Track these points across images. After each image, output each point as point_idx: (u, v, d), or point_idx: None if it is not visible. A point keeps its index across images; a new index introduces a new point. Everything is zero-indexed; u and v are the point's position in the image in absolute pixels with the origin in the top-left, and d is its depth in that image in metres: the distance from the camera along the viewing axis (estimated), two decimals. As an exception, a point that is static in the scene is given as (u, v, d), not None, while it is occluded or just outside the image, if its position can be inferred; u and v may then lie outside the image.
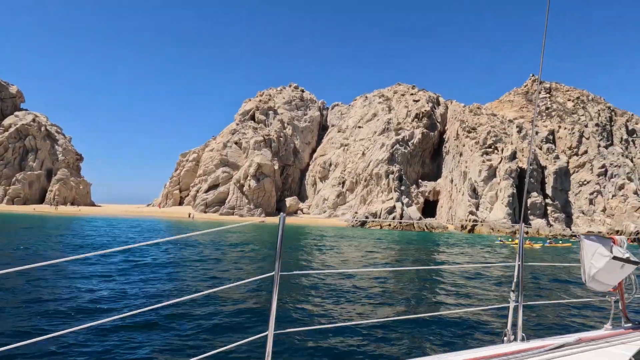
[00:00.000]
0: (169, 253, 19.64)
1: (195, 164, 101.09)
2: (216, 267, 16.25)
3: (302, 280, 12.93)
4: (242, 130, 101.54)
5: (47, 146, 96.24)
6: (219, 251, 21.86)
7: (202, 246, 22.75)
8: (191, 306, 9.20)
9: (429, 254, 26.71)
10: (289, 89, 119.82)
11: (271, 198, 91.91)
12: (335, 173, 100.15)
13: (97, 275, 13.25)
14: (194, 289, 11.84)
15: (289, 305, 9.91)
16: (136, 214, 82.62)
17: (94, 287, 11.42)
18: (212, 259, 18.92)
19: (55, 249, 21.07)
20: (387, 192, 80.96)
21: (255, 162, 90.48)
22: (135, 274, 13.55)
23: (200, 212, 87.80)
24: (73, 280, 12.20)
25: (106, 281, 12.35)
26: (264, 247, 25.97)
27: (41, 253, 18.94)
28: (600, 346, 2.90)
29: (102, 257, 16.42)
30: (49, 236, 28.57)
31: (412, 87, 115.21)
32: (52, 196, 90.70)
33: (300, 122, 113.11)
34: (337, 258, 22.23)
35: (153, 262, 16.52)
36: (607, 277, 3.20)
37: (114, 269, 14.33)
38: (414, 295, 11.96)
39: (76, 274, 13.31)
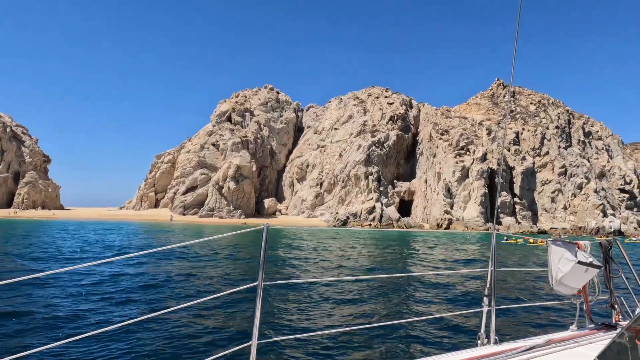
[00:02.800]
0: (148, 263, 18.28)
1: (170, 165, 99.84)
2: (198, 276, 15.77)
3: (285, 289, 12.98)
4: (219, 132, 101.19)
5: (13, 148, 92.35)
6: (200, 259, 20.60)
7: (185, 255, 21.82)
8: (173, 318, 9.05)
9: (410, 255, 27.80)
10: (265, 91, 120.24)
11: (250, 199, 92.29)
12: (313, 174, 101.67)
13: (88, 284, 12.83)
14: (175, 299, 11.54)
15: (273, 314, 9.96)
16: (113, 217, 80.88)
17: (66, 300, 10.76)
18: (195, 267, 18.02)
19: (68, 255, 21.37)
20: (366, 193, 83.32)
21: (234, 163, 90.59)
22: (115, 285, 12.99)
23: (179, 214, 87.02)
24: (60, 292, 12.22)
25: (87, 294, 11.62)
26: (247, 253, 24.87)
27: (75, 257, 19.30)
28: (568, 347, 3.00)
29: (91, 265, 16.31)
30: (58, 241, 28.41)
31: (386, 90, 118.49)
32: (20, 199, 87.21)
33: (277, 124, 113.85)
34: (321, 263, 21.63)
35: (133, 271, 15.89)
36: (572, 281, 3.31)
37: (97, 280, 13.79)
38: (393, 300, 12.13)
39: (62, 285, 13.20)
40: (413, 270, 20.38)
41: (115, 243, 29.97)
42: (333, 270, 19.21)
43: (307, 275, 17.09)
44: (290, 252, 26.49)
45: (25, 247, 24.70)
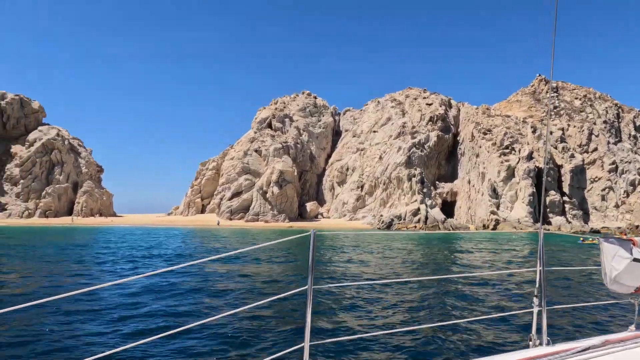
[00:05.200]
0: (198, 267, 18.67)
1: (215, 172, 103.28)
2: (249, 280, 16.06)
3: (335, 291, 13.06)
4: (261, 138, 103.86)
5: (71, 159, 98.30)
6: (250, 264, 20.97)
7: (235, 260, 21.63)
8: (226, 321, 9.25)
9: (459, 256, 27.50)
10: (302, 96, 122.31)
11: (293, 203, 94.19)
12: (353, 177, 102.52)
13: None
14: (228, 303, 11.78)
15: (323, 316, 10.05)
16: (165, 223, 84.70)
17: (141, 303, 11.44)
18: (246, 271, 18.29)
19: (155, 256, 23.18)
20: (410, 195, 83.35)
21: (277, 168, 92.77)
22: (171, 290, 13.45)
23: (226, 219, 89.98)
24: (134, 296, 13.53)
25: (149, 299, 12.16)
26: (294, 256, 25.17)
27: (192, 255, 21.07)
28: (628, 347, 2.84)
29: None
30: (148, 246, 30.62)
31: (424, 91, 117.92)
32: (79, 208, 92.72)
33: (315, 128, 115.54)
34: (369, 265, 21.61)
35: (187, 278, 16.23)
36: (629, 279, 3.19)
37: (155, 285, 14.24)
38: (442, 302, 12.13)
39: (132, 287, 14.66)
40: (462, 271, 20.30)
41: (189, 247, 31.93)
42: (381, 272, 19.26)
43: (355, 278, 17.07)
44: (337, 254, 26.91)
45: (135, 249, 26.92)
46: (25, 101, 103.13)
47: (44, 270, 18.05)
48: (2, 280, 15.58)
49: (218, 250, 30.71)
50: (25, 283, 14.83)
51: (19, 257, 22.83)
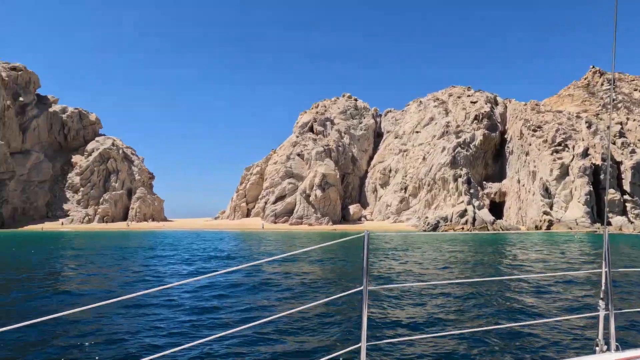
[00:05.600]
0: (254, 268, 18.98)
1: (259, 176, 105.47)
2: (303, 282, 16.20)
3: (389, 293, 13.05)
4: (303, 142, 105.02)
5: (125, 167, 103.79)
6: (302, 266, 21.00)
7: (285, 262, 21.81)
8: (282, 322, 9.36)
9: (514, 258, 26.41)
10: (343, 99, 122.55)
11: (336, 206, 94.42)
12: (396, 179, 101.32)
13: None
14: (283, 305, 11.92)
15: (379, 317, 10.06)
16: (214, 226, 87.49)
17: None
18: (298, 274, 18.37)
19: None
20: (456, 196, 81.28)
21: (320, 172, 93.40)
22: (229, 291, 13.74)
23: (270, 222, 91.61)
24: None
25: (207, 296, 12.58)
26: (344, 259, 25.16)
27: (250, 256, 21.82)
28: None
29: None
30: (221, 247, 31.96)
31: (468, 89, 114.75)
32: (134, 213, 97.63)
33: (356, 131, 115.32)
34: (421, 266, 21.34)
35: (245, 278, 16.56)
36: None
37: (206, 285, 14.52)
38: (500, 304, 11.75)
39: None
40: (519, 272, 19.59)
41: (244, 249, 32.81)
42: (434, 274, 19.05)
43: (409, 279, 17.02)
44: (388, 256, 26.82)
45: (207, 250, 28.17)
46: (84, 114, 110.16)
47: (150, 268, 19.23)
48: (121, 280, 16.75)
49: (271, 252, 31.38)
50: (138, 279, 15.88)
51: (114, 257, 24.42)
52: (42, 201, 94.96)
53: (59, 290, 14.03)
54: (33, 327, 8.41)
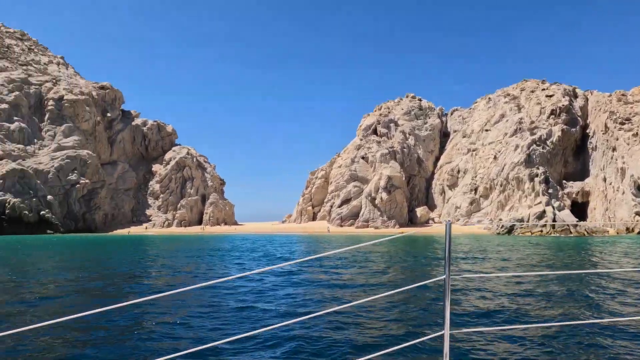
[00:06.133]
0: (325, 263, 19.69)
1: (324, 180, 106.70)
2: (375, 274, 16.57)
3: (471, 283, 13.03)
4: (367, 145, 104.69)
5: (199, 174, 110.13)
6: (374, 261, 21.72)
7: (357, 257, 22.95)
8: (365, 308, 9.77)
9: (608, 262, 24.26)
10: (406, 100, 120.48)
11: (403, 209, 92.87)
12: (465, 180, 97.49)
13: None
14: (365, 292, 12.34)
15: (460, 306, 10.19)
16: (283, 230, 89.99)
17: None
18: (373, 266, 18.97)
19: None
20: (533, 196, 76.42)
21: (385, 174, 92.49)
22: (304, 283, 14.45)
23: (336, 226, 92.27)
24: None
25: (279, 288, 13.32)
26: (411, 256, 25.71)
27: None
28: None
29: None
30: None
31: (542, 82, 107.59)
32: (207, 218, 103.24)
33: (422, 131, 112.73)
34: (503, 262, 21.07)
35: (325, 272, 17.33)
36: None
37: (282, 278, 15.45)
38: (590, 298, 11.43)
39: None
40: (610, 268, 18.51)
41: (318, 250, 33.48)
42: (516, 267, 18.38)
43: (489, 271, 16.60)
44: (467, 256, 26.12)
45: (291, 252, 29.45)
46: (162, 126, 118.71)
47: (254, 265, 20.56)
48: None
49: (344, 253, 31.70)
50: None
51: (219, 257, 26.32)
52: (128, 207, 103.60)
53: (187, 280, 15.31)
54: (137, 307, 9.37)
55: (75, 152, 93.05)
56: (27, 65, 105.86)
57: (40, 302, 11.69)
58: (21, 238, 61.00)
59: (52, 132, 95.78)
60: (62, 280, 16.23)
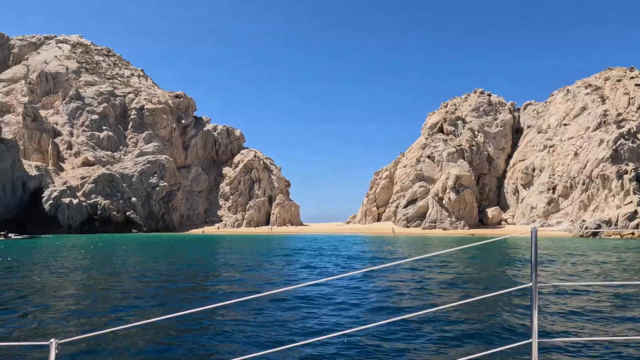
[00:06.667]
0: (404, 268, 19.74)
1: (389, 180, 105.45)
2: (455, 279, 16.31)
3: (557, 290, 12.51)
4: (433, 144, 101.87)
5: (266, 176, 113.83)
6: (451, 266, 21.15)
7: (430, 264, 22.25)
8: (444, 315, 9.68)
9: None
10: (474, 95, 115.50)
11: (473, 210, 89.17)
12: (542, 178, 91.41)
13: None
14: (449, 298, 12.20)
15: (548, 314, 9.78)
16: (348, 231, 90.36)
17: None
18: (454, 272, 18.57)
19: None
20: (621, 196, 69.84)
21: (453, 173, 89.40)
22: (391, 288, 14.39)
23: (402, 227, 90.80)
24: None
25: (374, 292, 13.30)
26: (490, 260, 24.48)
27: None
28: None
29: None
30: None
31: (630, 69, 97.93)
32: (274, 218, 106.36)
33: (491, 128, 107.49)
34: (592, 268, 19.58)
35: (402, 277, 17.20)
36: None
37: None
38: None
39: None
40: None
41: (390, 252, 33.29)
42: (607, 275, 17.03)
43: (578, 278, 15.75)
44: (552, 257, 24.45)
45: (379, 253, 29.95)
46: (231, 130, 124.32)
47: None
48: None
49: (412, 255, 31.24)
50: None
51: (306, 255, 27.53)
52: (201, 208, 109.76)
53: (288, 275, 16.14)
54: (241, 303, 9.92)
55: (155, 157, 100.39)
56: (112, 79, 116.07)
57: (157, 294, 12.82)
58: (116, 236, 66.93)
59: (135, 139, 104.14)
60: (180, 274, 17.63)
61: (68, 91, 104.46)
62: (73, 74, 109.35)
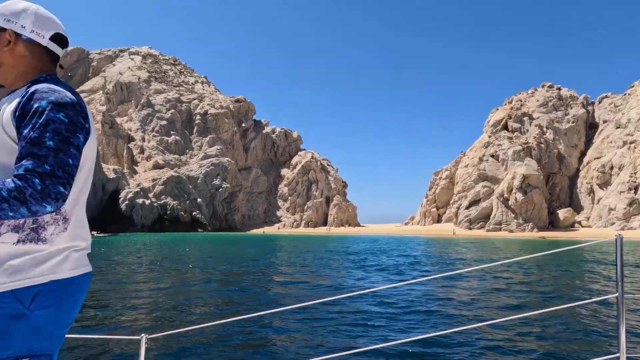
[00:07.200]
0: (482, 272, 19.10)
1: (449, 181, 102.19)
2: (528, 285, 15.49)
3: None
4: (497, 142, 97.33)
5: (323, 177, 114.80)
6: (529, 272, 20.10)
7: (509, 269, 21.17)
8: (520, 324, 9.34)
9: None
10: (542, 90, 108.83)
11: (542, 211, 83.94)
12: (622, 177, 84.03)
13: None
14: (526, 306, 11.76)
15: (636, 328, 8.91)
16: (407, 232, 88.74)
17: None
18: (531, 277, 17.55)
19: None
20: None
21: (520, 173, 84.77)
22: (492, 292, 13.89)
23: (465, 228, 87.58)
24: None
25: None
26: (574, 269, 22.53)
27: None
28: None
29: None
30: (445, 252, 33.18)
31: None
32: (332, 219, 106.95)
33: (562, 124, 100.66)
34: None
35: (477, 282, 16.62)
36: None
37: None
38: None
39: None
40: None
41: (459, 255, 32.33)
42: None
43: None
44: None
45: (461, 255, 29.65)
46: (288, 133, 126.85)
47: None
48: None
49: (483, 259, 30.06)
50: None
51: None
52: (261, 209, 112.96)
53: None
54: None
55: (218, 160, 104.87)
56: (179, 87, 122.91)
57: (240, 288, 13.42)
58: (187, 235, 70.66)
59: (200, 143, 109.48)
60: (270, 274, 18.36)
61: (140, 99, 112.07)
62: (144, 83, 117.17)
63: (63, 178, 1.29)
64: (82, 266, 1.50)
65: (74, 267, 1.46)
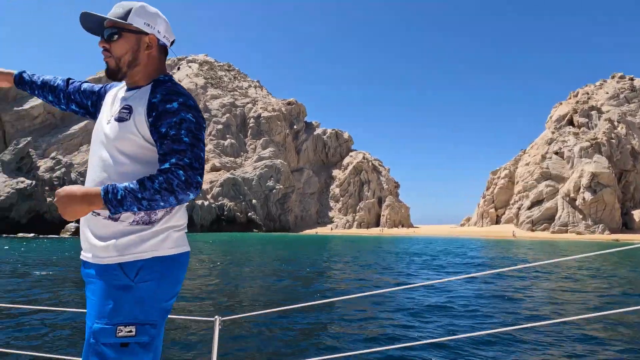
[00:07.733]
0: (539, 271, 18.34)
1: (508, 180, 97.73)
2: (584, 288, 14.63)
3: None
4: (561, 138, 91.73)
5: (375, 178, 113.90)
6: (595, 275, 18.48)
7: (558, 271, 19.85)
8: (573, 326, 8.79)
9: None
10: (612, 81, 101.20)
11: (614, 212, 77.97)
12: None
13: None
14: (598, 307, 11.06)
15: None
16: (464, 233, 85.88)
17: None
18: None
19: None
20: None
21: (587, 171, 79.31)
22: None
23: (526, 230, 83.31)
24: None
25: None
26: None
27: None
28: None
29: None
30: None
31: None
32: (384, 220, 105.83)
33: (636, 117, 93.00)
34: None
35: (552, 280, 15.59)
36: None
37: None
38: None
39: None
40: None
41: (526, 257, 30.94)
42: None
43: None
44: None
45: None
46: (339, 133, 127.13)
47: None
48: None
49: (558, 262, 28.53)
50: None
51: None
52: (313, 209, 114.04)
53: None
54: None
55: (271, 162, 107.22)
56: (233, 91, 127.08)
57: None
58: (246, 235, 72.89)
59: (254, 145, 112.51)
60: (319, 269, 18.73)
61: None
62: (201, 89, 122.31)
63: (199, 169, 1.47)
64: (181, 245, 1.64)
65: (174, 246, 1.60)
